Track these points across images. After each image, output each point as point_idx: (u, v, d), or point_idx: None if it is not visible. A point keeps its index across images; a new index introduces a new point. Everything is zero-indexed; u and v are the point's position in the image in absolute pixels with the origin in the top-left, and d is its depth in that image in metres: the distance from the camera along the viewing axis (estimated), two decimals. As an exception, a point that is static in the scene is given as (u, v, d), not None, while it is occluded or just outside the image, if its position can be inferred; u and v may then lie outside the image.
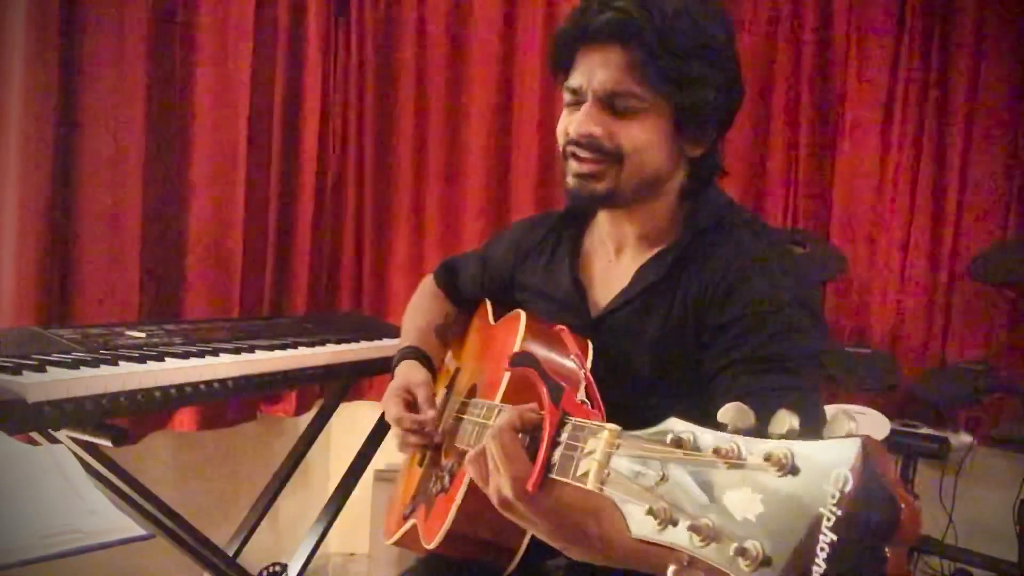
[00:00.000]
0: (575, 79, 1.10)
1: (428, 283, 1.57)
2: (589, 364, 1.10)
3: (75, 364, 1.38)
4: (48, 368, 1.33)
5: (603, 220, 1.23)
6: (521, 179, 2.86)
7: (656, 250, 1.16)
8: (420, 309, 1.51)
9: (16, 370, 1.29)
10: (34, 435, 1.55)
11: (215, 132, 2.39)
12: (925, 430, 2.61)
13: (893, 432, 2.45)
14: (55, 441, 1.54)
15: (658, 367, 1.12)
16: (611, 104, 1.07)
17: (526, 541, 1.09)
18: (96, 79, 2.08)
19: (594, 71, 1.07)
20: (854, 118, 2.82)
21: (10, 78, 1.93)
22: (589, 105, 1.08)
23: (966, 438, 2.69)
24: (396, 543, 1.36)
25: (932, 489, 2.68)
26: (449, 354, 1.51)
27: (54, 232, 2.01)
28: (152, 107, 2.20)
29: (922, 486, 2.62)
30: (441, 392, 1.42)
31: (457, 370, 1.46)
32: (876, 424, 2.38)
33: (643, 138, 1.07)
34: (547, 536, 0.83)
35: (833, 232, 2.85)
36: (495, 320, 1.38)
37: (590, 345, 1.13)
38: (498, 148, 2.87)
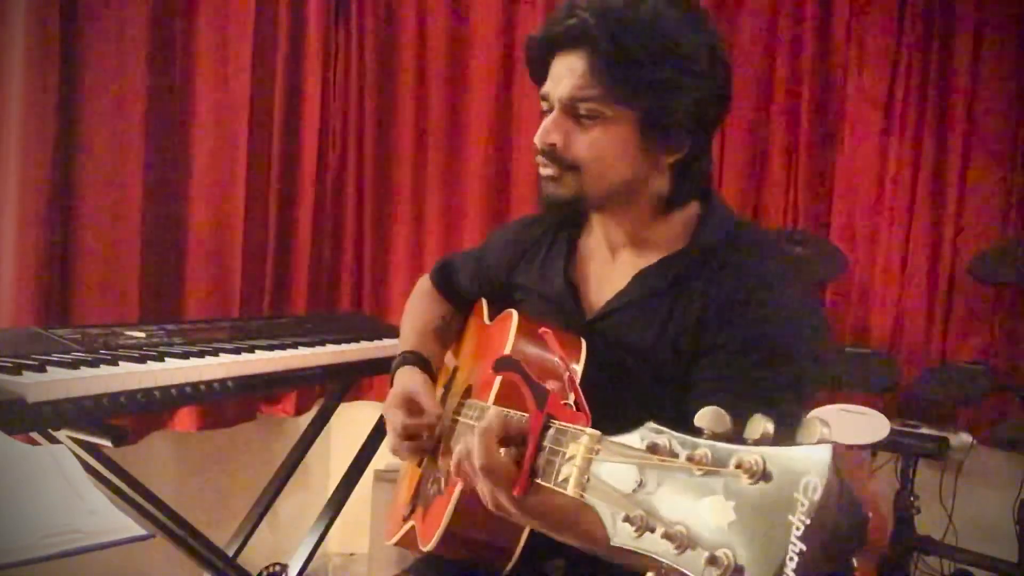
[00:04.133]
0: (546, 86, 1.11)
1: (424, 284, 1.55)
2: (581, 365, 1.09)
3: (75, 364, 1.39)
4: (48, 368, 1.34)
5: (595, 221, 1.22)
6: (521, 179, 2.86)
7: (657, 257, 1.14)
8: (417, 311, 1.49)
9: (16, 370, 1.29)
10: (34, 435, 1.56)
11: (215, 132, 2.40)
12: (925, 430, 2.60)
13: (893, 432, 2.44)
14: (55, 441, 1.55)
15: (650, 372, 1.11)
16: (574, 110, 1.07)
17: (523, 542, 1.09)
18: (96, 79, 2.09)
19: (560, 78, 1.08)
20: (854, 118, 2.82)
21: (10, 78, 1.93)
22: (556, 112, 1.09)
23: (966, 438, 2.68)
24: (396, 544, 1.36)
25: (932, 489, 2.67)
26: (449, 353, 1.50)
27: (54, 232, 2.02)
28: (152, 107, 2.21)
29: (922, 486, 2.61)
30: (439, 392, 1.42)
31: (455, 369, 1.46)
32: (876, 424, 2.36)
33: (601, 146, 1.07)
34: (542, 531, 0.87)
35: (833, 232, 2.85)
36: (490, 319, 1.37)
37: (583, 345, 1.12)
38: (498, 148, 2.87)
